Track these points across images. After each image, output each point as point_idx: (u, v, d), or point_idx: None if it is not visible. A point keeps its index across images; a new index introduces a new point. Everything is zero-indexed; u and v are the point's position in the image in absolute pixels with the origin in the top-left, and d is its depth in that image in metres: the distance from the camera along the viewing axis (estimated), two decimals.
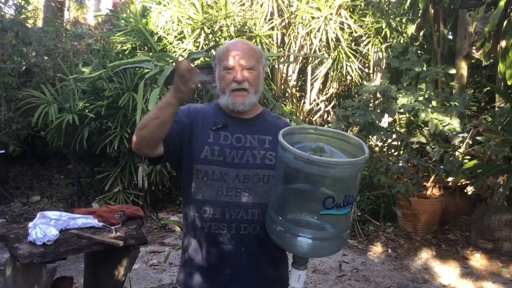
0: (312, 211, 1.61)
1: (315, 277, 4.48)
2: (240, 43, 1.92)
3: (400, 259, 4.93)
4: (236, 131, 1.88)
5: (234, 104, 1.85)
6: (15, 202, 6.55)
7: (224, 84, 1.86)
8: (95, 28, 9.15)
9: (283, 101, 7.64)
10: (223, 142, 1.85)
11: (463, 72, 6.39)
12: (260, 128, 1.91)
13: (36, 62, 7.12)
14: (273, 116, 2.02)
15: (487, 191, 5.70)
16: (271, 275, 1.92)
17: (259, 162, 1.85)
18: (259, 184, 1.84)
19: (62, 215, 2.93)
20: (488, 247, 5.06)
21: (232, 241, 1.83)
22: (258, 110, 1.96)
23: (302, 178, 1.58)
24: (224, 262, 1.84)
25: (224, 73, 1.86)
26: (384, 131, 5.39)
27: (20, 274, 2.80)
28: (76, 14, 17.66)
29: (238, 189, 1.82)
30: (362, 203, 5.52)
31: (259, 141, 1.88)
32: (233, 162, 1.84)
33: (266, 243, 1.82)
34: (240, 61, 1.84)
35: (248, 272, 1.86)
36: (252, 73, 1.86)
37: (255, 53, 1.89)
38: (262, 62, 1.92)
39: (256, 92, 1.89)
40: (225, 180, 1.83)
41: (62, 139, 5.89)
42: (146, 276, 4.44)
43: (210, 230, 1.83)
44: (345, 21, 7.29)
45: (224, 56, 1.86)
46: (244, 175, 1.83)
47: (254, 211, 1.82)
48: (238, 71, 1.84)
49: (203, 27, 6.57)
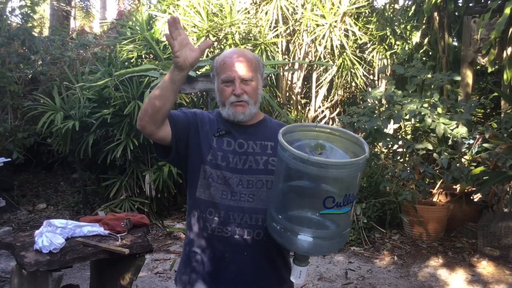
0: (313, 210, 1.60)
1: (321, 284, 4.46)
2: (236, 55, 1.89)
3: (406, 267, 4.90)
4: (238, 137, 1.89)
5: (234, 114, 1.86)
6: (21, 210, 6.57)
7: (223, 97, 1.87)
8: (101, 37, 9.21)
9: (288, 108, 7.65)
10: (226, 148, 1.86)
11: (468, 79, 6.38)
12: (262, 134, 1.92)
13: (42, 70, 7.16)
14: (275, 122, 2.02)
15: (494, 198, 5.67)
16: (273, 281, 1.91)
17: (262, 168, 1.85)
18: (263, 190, 1.83)
19: (68, 223, 2.94)
20: (495, 254, 5.03)
21: (235, 245, 1.82)
22: (259, 117, 1.97)
23: (302, 177, 1.58)
24: (226, 266, 1.84)
25: (223, 86, 1.86)
26: (390, 137, 5.38)
27: (27, 282, 2.80)
28: (82, 23, 17.78)
29: (242, 194, 1.82)
30: (368, 210, 5.50)
31: (261, 147, 1.89)
32: (236, 168, 1.84)
33: (269, 248, 1.82)
34: (237, 74, 1.84)
35: (250, 277, 1.86)
36: (250, 85, 1.86)
37: (252, 63, 1.88)
38: (260, 70, 1.92)
39: (256, 103, 1.90)
40: (229, 184, 1.83)
41: (67, 146, 5.91)
42: (152, 284, 4.44)
43: (214, 232, 1.83)
44: (349, 28, 7.31)
45: (221, 69, 1.86)
46: (248, 181, 1.83)
47: (258, 217, 1.82)
48: (237, 84, 1.84)
49: (208, 35, 6.60)
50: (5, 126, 6.29)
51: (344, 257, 5.12)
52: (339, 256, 5.14)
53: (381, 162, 5.84)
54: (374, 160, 5.52)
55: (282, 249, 1.95)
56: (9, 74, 6.42)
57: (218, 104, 1.93)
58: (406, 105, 5.07)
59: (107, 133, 6.07)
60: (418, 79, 5.44)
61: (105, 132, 6.08)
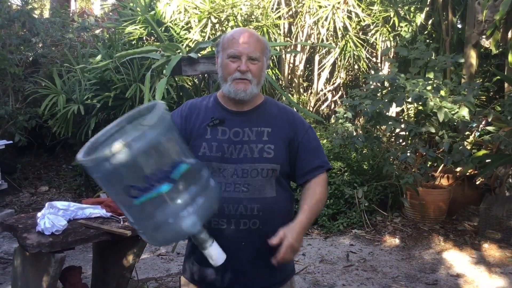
0: (129, 205, 1.51)
1: (322, 267, 4.48)
2: (247, 33, 1.88)
3: (408, 249, 4.91)
4: (234, 125, 1.86)
5: (236, 91, 1.83)
6: (24, 192, 6.59)
7: (226, 72, 1.84)
8: (102, 19, 9.12)
9: (290, 91, 7.61)
10: (221, 137, 1.83)
11: (472, 61, 6.33)
12: (259, 120, 1.89)
13: (43, 53, 7.12)
14: (276, 106, 1.97)
15: (496, 181, 5.67)
16: (272, 269, 1.88)
17: (256, 156, 1.82)
18: (258, 179, 1.82)
19: (70, 205, 2.93)
20: (496, 237, 5.04)
21: (232, 236, 1.81)
22: (258, 100, 1.93)
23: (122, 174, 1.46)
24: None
25: (228, 61, 1.83)
26: (392, 120, 5.35)
27: (29, 263, 2.81)
28: (82, 4, 17.64)
29: (236, 184, 1.81)
30: (369, 193, 5.51)
31: (257, 134, 1.86)
32: (231, 157, 1.82)
33: (266, 237, 1.79)
34: (245, 51, 1.81)
35: (248, 267, 1.85)
36: (256, 64, 1.83)
37: (261, 44, 1.86)
38: (266, 54, 1.89)
39: (258, 84, 1.87)
40: (223, 175, 1.81)
41: (70, 129, 5.91)
42: (154, 266, 4.46)
43: (210, 225, 1.79)
44: (352, 9, 7.24)
45: (229, 44, 1.83)
46: (242, 170, 1.81)
47: (253, 206, 1.81)
48: (243, 61, 1.81)
49: (210, 17, 6.54)
50: (6, 109, 6.28)
51: (346, 240, 5.13)
52: (341, 239, 5.15)
53: (383, 145, 5.82)
54: (376, 143, 5.50)
55: None
56: (9, 57, 6.38)
57: (219, 80, 1.90)
58: (409, 87, 5.04)
59: (109, 116, 6.05)
60: (422, 61, 5.40)
61: (106, 115, 6.07)
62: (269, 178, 1.83)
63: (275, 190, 1.85)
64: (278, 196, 1.86)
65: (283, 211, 1.91)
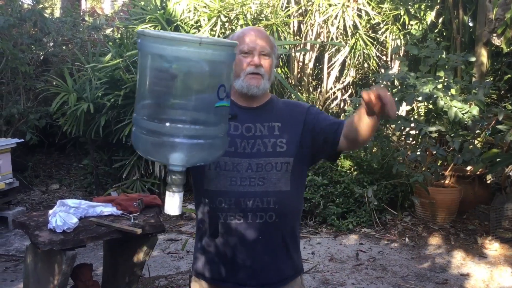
0: (208, 105, 1.45)
1: (332, 266, 4.47)
2: (256, 30, 1.93)
3: (417, 248, 4.90)
4: (245, 120, 1.87)
5: (248, 86, 1.84)
6: (35, 190, 6.64)
7: (239, 68, 1.84)
8: (113, 18, 9.16)
9: (299, 89, 7.60)
10: (233, 132, 1.84)
11: (483, 59, 6.28)
12: (269, 115, 1.91)
13: (54, 52, 7.17)
14: (281, 102, 2.00)
15: (506, 180, 5.63)
16: (286, 262, 1.92)
17: (270, 150, 1.85)
18: (273, 172, 1.83)
19: (81, 203, 2.96)
20: (507, 236, 5.00)
21: (248, 230, 1.83)
22: (266, 97, 1.96)
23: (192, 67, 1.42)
24: (241, 251, 1.85)
25: (241, 57, 1.84)
26: (402, 119, 5.33)
27: (41, 261, 2.84)
28: (93, 3, 17.72)
29: (252, 179, 1.82)
30: (379, 192, 5.49)
31: (269, 128, 1.88)
32: (244, 152, 1.84)
33: (282, 230, 1.84)
34: (257, 46, 1.84)
35: (265, 261, 1.86)
36: (267, 60, 1.86)
37: (270, 41, 1.89)
38: (275, 52, 1.92)
39: (269, 80, 1.89)
40: (238, 170, 1.82)
41: (81, 128, 5.95)
42: (164, 264, 4.49)
43: (226, 220, 1.83)
44: (362, 8, 7.21)
45: (240, 41, 1.84)
46: (257, 164, 1.83)
47: (269, 199, 1.82)
48: (256, 55, 1.84)
49: (219, 15, 6.54)
50: (17, 107, 6.33)
51: (355, 239, 5.12)
52: (350, 238, 5.15)
53: (393, 144, 5.80)
54: (385, 142, 5.48)
55: (295, 230, 1.95)
56: (21, 56, 6.43)
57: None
58: (419, 87, 5.01)
59: (119, 115, 6.09)
60: (432, 59, 5.36)
61: (116, 114, 6.10)
62: (283, 172, 1.85)
63: (289, 184, 1.87)
64: (292, 190, 1.88)
65: (297, 206, 1.95)
